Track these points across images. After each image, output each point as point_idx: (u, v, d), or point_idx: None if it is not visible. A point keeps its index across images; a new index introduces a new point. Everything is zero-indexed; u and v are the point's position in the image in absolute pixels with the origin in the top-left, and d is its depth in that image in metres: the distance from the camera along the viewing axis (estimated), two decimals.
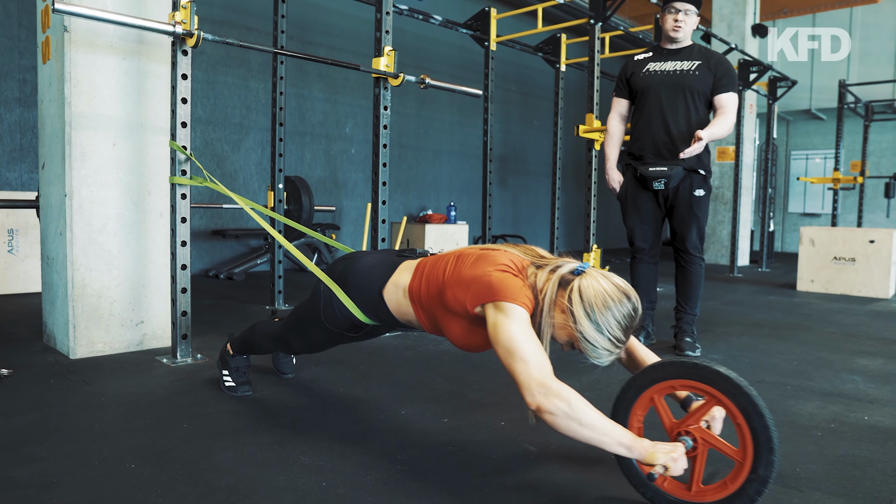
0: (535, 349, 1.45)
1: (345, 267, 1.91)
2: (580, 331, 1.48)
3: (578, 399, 1.39)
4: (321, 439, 1.89)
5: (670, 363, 1.51)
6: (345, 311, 1.86)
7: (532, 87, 9.89)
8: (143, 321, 2.95)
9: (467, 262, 1.64)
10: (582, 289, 1.50)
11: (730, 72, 3.12)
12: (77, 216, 2.74)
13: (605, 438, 1.38)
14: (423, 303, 1.72)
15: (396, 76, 3.41)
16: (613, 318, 1.47)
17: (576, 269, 1.56)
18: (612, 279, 1.53)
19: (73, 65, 2.70)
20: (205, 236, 6.20)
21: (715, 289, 5.93)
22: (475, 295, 1.55)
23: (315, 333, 2.00)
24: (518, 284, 1.54)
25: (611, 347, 1.50)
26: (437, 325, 1.73)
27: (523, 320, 1.49)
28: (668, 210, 3.22)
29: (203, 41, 2.72)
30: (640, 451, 1.38)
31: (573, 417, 1.37)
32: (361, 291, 1.83)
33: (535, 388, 1.41)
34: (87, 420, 2.00)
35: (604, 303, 1.47)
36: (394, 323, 1.87)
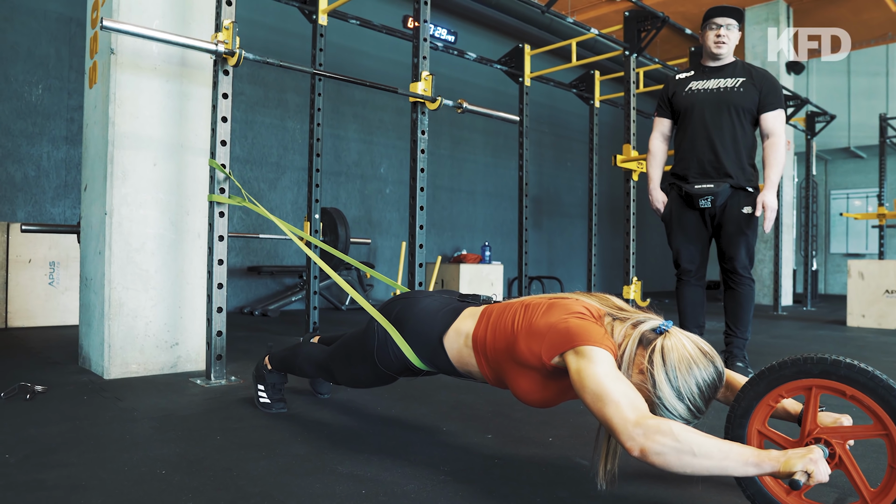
0: (626, 389, 1.30)
1: (402, 308, 1.78)
2: (659, 396, 1.34)
3: (682, 428, 1.21)
4: (359, 451, 1.79)
5: (845, 364, 1.25)
6: (399, 355, 1.74)
7: (564, 128, 9.91)
8: (177, 343, 2.90)
9: (539, 310, 1.51)
10: (665, 351, 1.36)
11: (775, 87, 3.05)
12: (116, 234, 2.74)
13: (728, 462, 1.17)
14: (487, 354, 1.58)
15: (434, 100, 3.40)
16: (697, 385, 1.33)
17: (658, 327, 1.42)
18: (697, 342, 1.39)
19: (119, 86, 2.74)
20: (240, 273, 6.22)
21: (760, 324, 5.71)
22: (552, 344, 1.42)
23: (363, 370, 1.86)
24: (597, 329, 1.41)
25: (688, 416, 1.35)
26: (502, 379, 1.59)
27: (609, 363, 1.34)
28: (716, 229, 3.11)
29: (244, 61, 2.75)
30: (772, 464, 1.16)
31: (684, 450, 1.18)
32: (420, 336, 1.71)
33: (633, 430, 1.23)
34: (118, 431, 1.94)
35: (688, 368, 1.33)
36: (451, 372, 1.73)
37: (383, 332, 1.76)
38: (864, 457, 1.48)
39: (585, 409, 2.27)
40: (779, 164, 3.01)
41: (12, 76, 4.92)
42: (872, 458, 1.79)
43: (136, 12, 2.79)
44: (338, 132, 7.02)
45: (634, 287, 4.79)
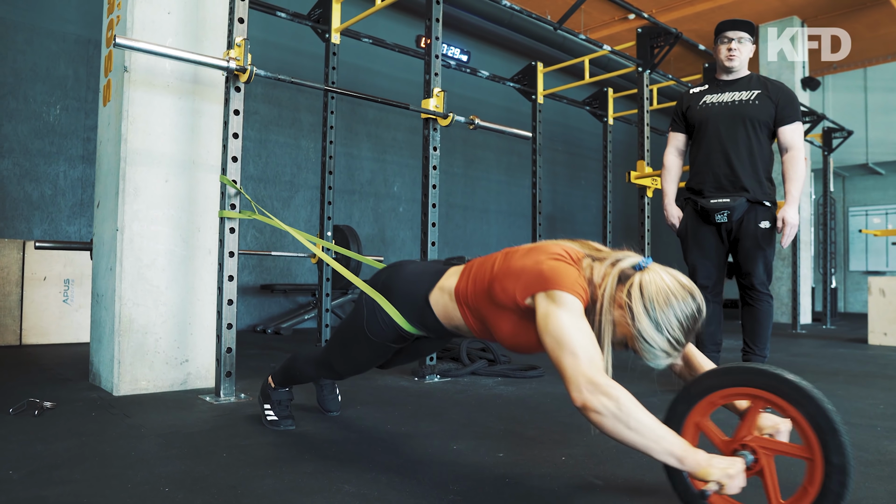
0: (587, 343, 1.34)
1: (388, 275, 1.84)
2: (638, 328, 1.36)
3: (629, 399, 1.27)
4: (367, 470, 1.75)
5: (732, 368, 1.37)
6: (389, 321, 1.78)
7: (578, 146, 9.89)
8: (187, 360, 2.88)
9: (518, 254, 1.56)
10: (643, 284, 1.38)
11: (792, 100, 3.01)
12: (127, 250, 2.74)
13: (655, 446, 1.24)
14: (469, 303, 1.62)
15: (445, 116, 3.40)
16: (675, 316, 1.35)
17: (637, 263, 1.43)
18: (676, 276, 1.41)
19: (131, 103, 2.76)
20: (253, 291, 6.23)
21: (779, 343, 5.60)
22: (526, 284, 1.45)
23: (358, 349, 1.89)
24: (573, 274, 1.43)
25: (669, 349, 1.37)
26: (486, 325, 1.62)
27: (576, 311, 1.38)
28: (732, 244, 3.05)
29: (259, 80, 2.77)
30: (693, 464, 1.23)
31: (621, 419, 1.25)
32: (407, 298, 1.75)
33: (583, 383, 1.30)
34: (124, 448, 1.91)
35: (666, 300, 1.35)
36: (440, 331, 1.77)
37: (371, 302, 1.80)
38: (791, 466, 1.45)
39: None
40: (799, 178, 2.97)
41: (31, 97, 5.00)
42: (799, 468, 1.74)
43: (150, 30, 2.81)
44: (351, 151, 7.05)
45: None
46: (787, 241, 2.91)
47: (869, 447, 2.08)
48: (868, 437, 2.21)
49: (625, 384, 1.33)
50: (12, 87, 4.91)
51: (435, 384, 3.17)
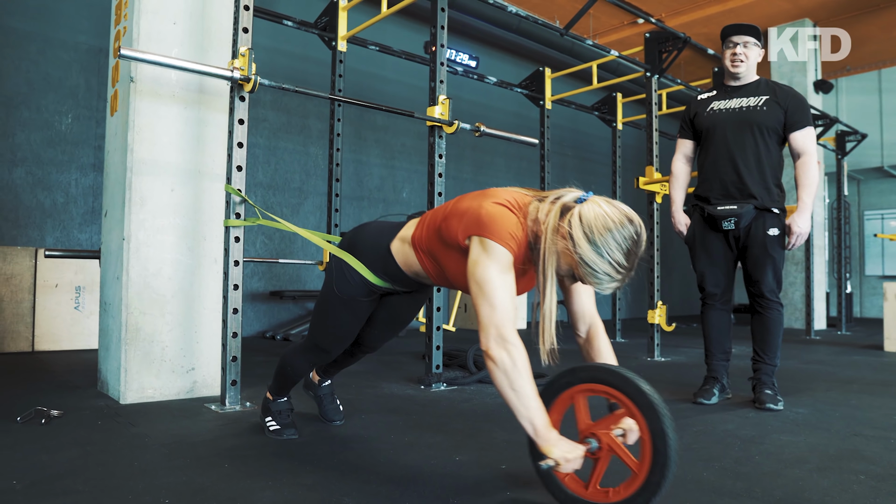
0: (506, 298, 1.48)
1: (353, 235, 1.97)
2: (579, 253, 1.44)
3: (524, 364, 1.44)
4: (367, 482, 1.74)
5: (589, 367, 1.54)
6: (356, 276, 1.89)
7: (588, 151, 9.86)
8: (193, 368, 2.89)
9: (468, 197, 1.65)
10: (582, 213, 1.47)
11: (802, 104, 2.97)
12: (133, 259, 2.75)
13: (523, 410, 1.43)
14: (423, 247, 1.74)
15: (451, 123, 3.39)
16: (613, 240, 1.43)
17: (579, 197, 1.52)
18: (615, 204, 1.49)
19: (137, 113, 2.78)
20: (263, 298, 6.25)
21: (792, 349, 5.54)
22: (466, 225, 1.56)
23: (334, 314, 1.97)
24: (511, 222, 1.52)
25: (611, 272, 1.45)
26: (439, 266, 1.72)
27: (504, 263, 1.50)
28: (741, 252, 3.02)
29: (265, 88, 2.78)
30: (543, 439, 1.42)
31: (508, 377, 1.44)
32: (370, 251, 1.87)
33: (493, 334, 1.46)
34: (127, 457, 1.92)
35: (604, 225, 1.44)
36: (403, 279, 1.87)
37: (339, 264, 1.92)
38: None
39: None
40: (812, 185, 2.93)
41: (44, 106, 5.05)
42: None
43: (156, 41, 2.83)
44: (360, 157, 7.07)
45: (659, 311, 4.69)
46: (791, 247, 2.88)
47: (881, 460, 2.05)
48: (881, 450, 2.18)
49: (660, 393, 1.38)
50: (25, 97, 4.97)
51: (441, 392, 3.16)
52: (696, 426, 2.50)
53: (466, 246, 1.56)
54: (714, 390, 3.00)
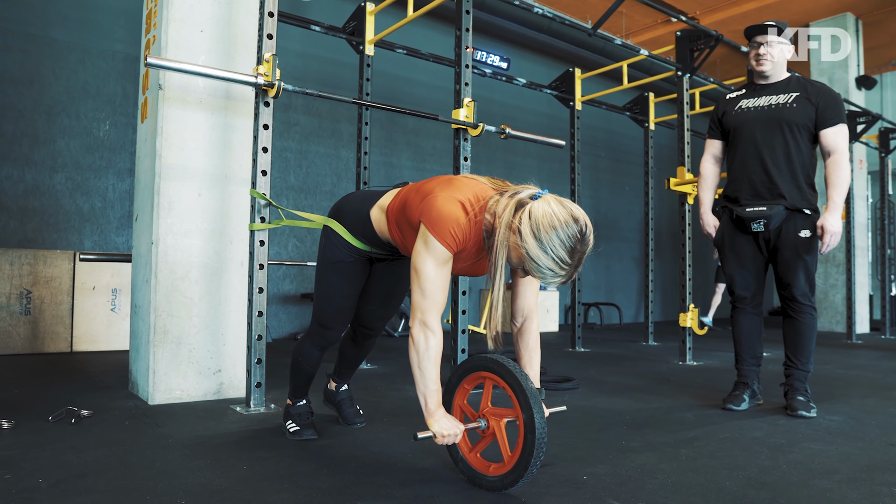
0: (437, 290, 1.66)
1: (341, 202, 2.14)
2: (525, 248, 1.55)
3: (436, 351, 1.67)
4: (383, 486, 1.74)
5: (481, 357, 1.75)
6: (340, 240, 2.04)
7: (622, 152, 9.74)
8: (220, 370, 2.94)
9: (438, 179, 1.78)
10: (532, 210, 1.56)
11: (834, 101, 2.88)
12: (162, 263, 2.81)
13: (421, 387, 1.69)
14: (394, 217, 1.87)
15: (475, 126, 3.38)
16: (558, 237, 1.53)
17: (534, 194, 1.61)
18: (565, 204, 1.59)
19: (165, 119, 2.84)
20: (295, 300, 6.32)
21: (831, 354, 5.37)
22: (421, 210, 1.69)
23: (327, 283, 2.12)
24: (457, 222, 1.64)
25: (554, 267, 1.55)
26: (405, 239, 1.86)
27: (440, 259, 1.66)
28: (771, 254, 2.94)
29: (297, 94, 2.81)
30: (429, 414, 1.68)
31: (419, 357, 1.67)
32: (353, 216, 2.03)
33: (419, 317, 1.68)
34: (150, 458, 1.95)
35: (550, 223, 1.53)
36: (380, 244, 2.01)
37: (326, 230, 2.09)
38: None
39: (627, 446, 2.17)
40: (843, 184, 2.83)
41: (83, 113, 5.20)
42: None
43: (184, 49, 2.89)
44: (391, 160, 7.10)
45: (691, 314, 4.59)
46: (826, 249, 2.79)
47: None
48: None
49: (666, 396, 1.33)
50: (65, 105, 5.12)
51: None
52: (723, 433, 2.44)
53: (418, 224, 1.70)
54: (744, 396, 2.93)
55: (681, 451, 2.16)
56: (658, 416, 2.74)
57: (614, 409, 2.86)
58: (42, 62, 5.03)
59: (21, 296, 4.35)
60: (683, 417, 2.73)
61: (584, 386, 3.48)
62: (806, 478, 1.88)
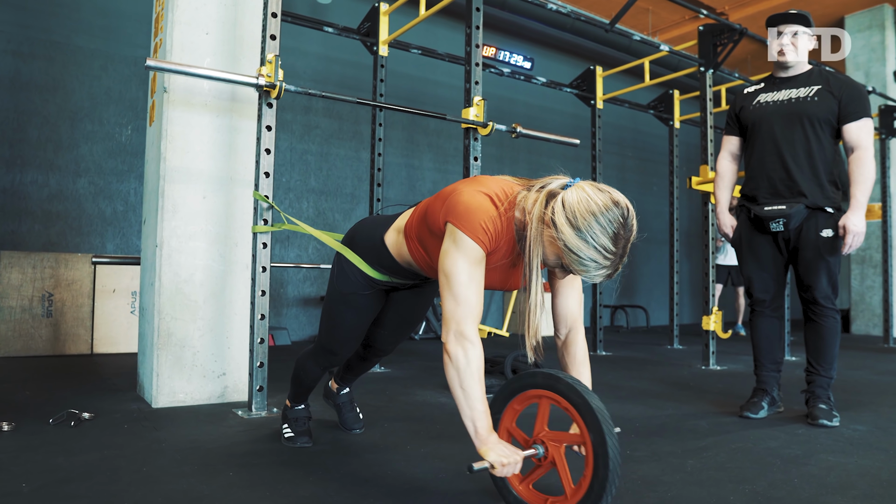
0: (472, 295, 1.46)
1: (353, 230, 1.98)
2: (563, 240, 1.39)
3: (477, 365, 1.43)
4: (366, 496, 1.69)
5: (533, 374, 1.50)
6: (354, 270, 1.88)
7: (649, 151, 9.55)
8: (224, 373, 2.93)
9: (456, 183, 1.61)
10: (566, 197, 1.41)
11: (858, 94, 2.73)
12: (166, 266, 2.81)
13: (467, 410, 1.43)
14: (414, 234, 1.69)
15: (485, 125, 3.32)
16: (598, 223, 1.37)
17: (565, 183, 1.47)
18: (602, 188, 1.43)
19: (170, 122, 2.84)
20: (315, 303, 6.33)
21: (865, 359, 5.15)
22: (446, 210, 1.52)
23: (338, 313, 1.97)
24: (487, 214, 1.48)
25: (598, 258, 1.38)
26: (429, 256, 1.67)
27: (473, 258, 1.47)
28: (792, 255, 2.81)
29: (296, 93, 2.79)
30: (481, 441, 1.42)
31: (460, 375, 1.43)
32: (366, 243, 1.86)
33: (454, 328, 1.45)
34: (139, 463, 1.93)
35: (587, 209, 1.38)
36: (399, 271, 1.83)
37: (339, 262, 1.93)
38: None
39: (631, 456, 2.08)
40: (867, 181, 2.69)
41: (105, 119, 5.28)
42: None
43: (189, 52, 2.89)
44: (412, 161, 7.07)
45: (714, 317, 4.45)
46: (848, 249, 2.65)
47: None
48: None
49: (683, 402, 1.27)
50: (89, 111, 5.21)
51: None
52: (735, 443, 2.33)
53: (443, 229, 1.54)
54: (763, 403, 2.80)
55: (687, 461, 2.07)
56: (670, 424, 2.63)
57: (626, 416, 2.76)
58: (66, 69, 5.12)
59: (43, 298, 4.43)
60: (697, 425, 2.62)
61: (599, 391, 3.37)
62: (817, 493, 1.77)
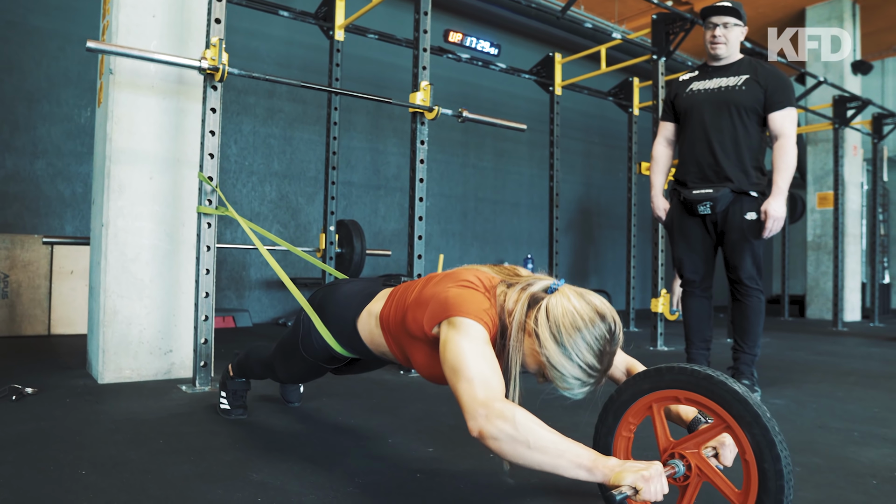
0: (484, 367, 1.26)
1: (325, 294, 1.81)
2: (546, 355, 1.30)
3: (525, 417, 1.17)
4: (286, 460, 1.78)
5: (678, 369, 1.26)
6: (321, 342, 1.75)
7: (615, 139, 9.67)
8: (171, 350, 2.99)
9: (432, 281, 1.49)
10: (550, 307, 1.31)
11: (783, 84, 2.86)
12: (112, 245, 2.86)
13: (560, 461, 1.14)
14: (391, 329, 1.56)
15: (431, 109, 3.39)
16: (584, 340, 1.28)
17: (549, 286, 1.37)
18: (586, 297, 1.33)
19: (116, 104, 2.88)
20: (278, 285, 6.38)
21: (810, 341, 5.35)
22: (431, 314, 1.39)
23: (294, 362, 1.90)
24: (478, 301, 1.36)
25: (582, 376, 1.29)
26: (406, 355, 1.57)
27: (477, 337, 1.30)
28: (719, 237, 2.94)
29: (240, 76, 2.83)
30: (603, 472, 1.12)
31: (520, 440, 1.15)
32: (337, 320, 1.71)
33: (478, 410, 1.20)
34: (72, 432, 2.00)
35: (573, 323, 1.28)
36: (370, 356, 1.73)
37: (308, 320, 1.77)
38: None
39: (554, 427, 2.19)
40: (788, 168, 2.82)
41: (63, 100, 5.26)
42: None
43: (135, 34, 2.92)
44: (377, 146, 7.12)
45: (662, 300, 4.59)
46: (768, 233, 2.78)
47: (828, 453, 1.98)
48: (836, 443, 2.10)
49: None
50: (46, 92, 5.18)
51: (417, 378, 3.18)
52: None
53: (434, 336, 1.39)
54: None
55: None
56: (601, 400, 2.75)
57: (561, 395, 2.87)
58: (22, 49, 5.09)
59: None
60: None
61: None
62: None
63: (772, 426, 1.13)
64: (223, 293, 6.04)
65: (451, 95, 6.96)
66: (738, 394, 1.16)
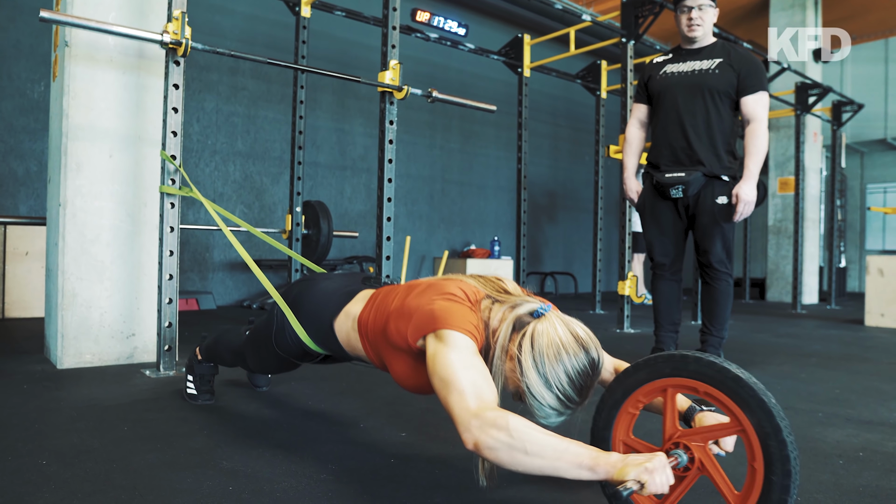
0: (475, 377, 1.23)
1: (300, 290, 1.75)
2: (526, 383, 1.27)
3: (520, 423, 1.13)
4: (256, 447, 1.74)
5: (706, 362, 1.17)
6: (295, 338, 1.71)
7: (582, 122, 9.71)
8: (134, 334, 2.90)
9: (415, 291, 1.45)
10: (535, 335, 1.29)
11: (756, 69, 2.88)
12: (70, 226, 2.75)
13: (560, 463, 1.09)
14: (369, 336, 1.53)
15: (400, 89, 3.33)
16: (566, 373, 1.25)
17: (536, 310, 1.34)
18: (571, 327, 1.31)
19: (72, 78, 2.75)
20: (243, 267, 6.26)
21: (771, 324, 5.48)
22: (416, 326, 1.35)
23: (266, 355, 1.85)
24: (464, 313, 1.33)
25: (560, 407, 1.28)
26: (383, 362, 1.54)
27: (466, 348, 1.28)
28: (690, 221, 2.96)
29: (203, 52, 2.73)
30: (606, 469, 1.08)
31: (516, 447, 1.11)
32: (313, 319, 1.67)
33: (471, 421, 1.16)
34: (31, 419, 1.93)
35: (556, 354, 1.26)
36: (345, 356, 1.70)
37: (283, 315, 1.73)
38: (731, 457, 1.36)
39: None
40: (759, 152, 2.85)
41: (15, 74, 5.03)
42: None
43: (92, 5, 2.79)
44: (343, 126, 7.01)
45: (629, 283, 4.64)
46: (739, 217, 2.81)
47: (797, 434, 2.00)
48: (801, 424, 2.15)
49: None
50: None
51: None
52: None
53: (419, 348, 1.36)
54: None
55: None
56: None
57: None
58: None
59: None
60: None
61: None
62: None
63: (790, 441, 1.10)
64: (186, 275, 5.90)
65: (419, 76, 6.88)
66: (765, 404, 1.11)
